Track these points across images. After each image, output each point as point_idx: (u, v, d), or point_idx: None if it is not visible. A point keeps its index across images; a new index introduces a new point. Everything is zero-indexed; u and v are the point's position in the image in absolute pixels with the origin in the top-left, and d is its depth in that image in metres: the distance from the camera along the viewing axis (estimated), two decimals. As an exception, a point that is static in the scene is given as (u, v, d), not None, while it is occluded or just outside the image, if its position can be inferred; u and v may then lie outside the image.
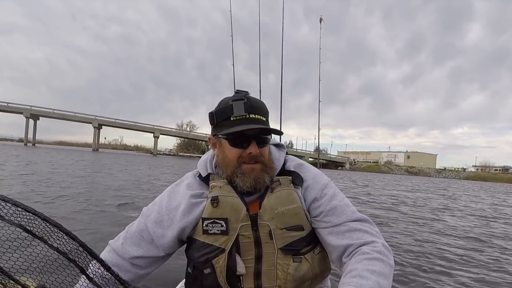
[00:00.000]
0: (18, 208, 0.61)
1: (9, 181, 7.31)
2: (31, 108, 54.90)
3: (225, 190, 0.89)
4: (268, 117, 0.93)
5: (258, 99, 0.92)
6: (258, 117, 0.88)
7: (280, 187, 0.91)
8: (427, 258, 3.57)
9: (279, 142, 1.04)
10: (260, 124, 0.87)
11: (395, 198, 10.76)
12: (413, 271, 3.10)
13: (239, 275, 0.87)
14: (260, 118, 0.88)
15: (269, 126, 0.90)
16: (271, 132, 0.90)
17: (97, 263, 0.69)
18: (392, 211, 7.38)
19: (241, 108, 0.86)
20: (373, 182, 21.34)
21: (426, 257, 3.60)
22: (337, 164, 71.44)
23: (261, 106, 0.90)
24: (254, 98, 0.91)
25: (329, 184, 0.95)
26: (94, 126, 57.51)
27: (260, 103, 0.91)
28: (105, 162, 20.00)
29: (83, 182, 8.37)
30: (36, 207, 0.65)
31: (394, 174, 61.38)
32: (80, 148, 68.15)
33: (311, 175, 0.96)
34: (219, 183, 0.91)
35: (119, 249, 0.90)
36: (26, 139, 55.08)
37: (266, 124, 0.90)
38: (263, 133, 0.89)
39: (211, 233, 0.86)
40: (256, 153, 0.88)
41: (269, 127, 0.89)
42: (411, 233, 4.90)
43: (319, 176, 0.97)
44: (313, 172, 0.97)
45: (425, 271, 3.13)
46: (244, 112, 0.86)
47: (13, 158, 15.77)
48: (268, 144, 0.93)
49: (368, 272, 0.73)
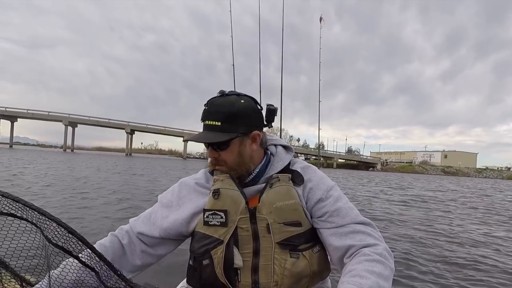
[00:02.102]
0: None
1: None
2: (69, 116, 58.34)
3: (227, 183, 0.93)
4: (233, 119, 0.91)
5: (226, 99, 0.92)
6: (212, 123, 0.90)
7: (279, 183, 0.93)
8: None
9: (287, 145, 1.07)
10: (211, 130, 0.90)
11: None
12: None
13: (237, 269, 0.89)
14: (212, 124, 0.90)
15: (226, 129, 0.90)
16: (215, 141, 0.90)
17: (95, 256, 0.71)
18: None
19: (202, 115, 0.93)
20: (411, 183, 20.29)
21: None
22: (368, 165, 69.58)
23: (219, 109, 0.90)
24: (221, 99, 0.92)
25: (335, 187, 0.99)
26: (126, 132, 59.99)
27: (221, 105, 0.91)
28: (128, 166, 20.73)
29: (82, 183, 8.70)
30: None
31: (429, 175, 58.72)
32: (115, 153, 71.28)
33: (317, 177, 0.99)
34: (221, 177, 0.94)
35: (133, 222, 1.00)
36: (65, 146, 58.60)
37: (220, 128, 0.89)
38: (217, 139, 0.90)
39: (211, 225, 0.90)
40: (213, 158, 0.94)
41: (205, 141, 0.91)
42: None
43: (325, 178, 1.00)
44: (319, 174, 1.01)
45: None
46: (202, 119, 0.92)
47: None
48: (227, 148, 0.92)
49: (368, 272, 0.74)
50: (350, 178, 21.70)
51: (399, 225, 5.38)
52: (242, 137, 0.93)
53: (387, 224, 5.43)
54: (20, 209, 0.66)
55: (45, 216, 0.67)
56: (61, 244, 0.67)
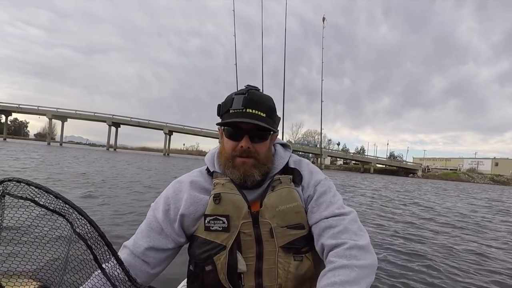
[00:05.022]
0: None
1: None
2: (113, 116, 61.58)
3: (228, 187, 0.91)
4: (273, 114, 0.93)
5: (264, 95, 0.93)
6: (256, 112, 0.88)
7: (281, 185, 0.92)
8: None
9: (285, 143, 1.06)
10: (256, 119, 0.87)
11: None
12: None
13: (240, 273, 0.87)
14: (257, 113, 0.88)
15: (269, 123, 0.90)
16: (264, 128, 0.89)
17: (113, 260, 0.73)
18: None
19: (240, 102, 0.88)
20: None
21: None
22: (408, 171, 66.34)
23: (263, 101, 0.90)
24: (259, 93, 0.92)
25: (323, 181, 0.97)
26: (165, 132, 62.22)
27: (264, 98, 0.91)
28: (151, 164, 21.55)
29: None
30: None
31: (475, 183, 54.73)
32: (154, 153, 74.15)
33: (307, 173, 0.98)
34: (222, 180, 0.92)
35: (131, 245, 0.90)
36: (108, 145, 61.97)
37: (264, 120, 0.89)
38: (259, 129, 0.89)
39: (213, 230, 0.88)
40: (246, 147, 0.89)
41: (259, 123, 0.87)
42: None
43: (314, 173, 0.98)
44: (310, 169, 0.99)
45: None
46: (241, 106, 0.88)
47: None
48: (265, 140, 0.92)
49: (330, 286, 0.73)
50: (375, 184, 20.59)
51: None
52: (273, 134, 0.95)
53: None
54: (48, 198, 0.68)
55: (68, 205, 0.68)
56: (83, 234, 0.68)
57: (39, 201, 0.65)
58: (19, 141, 65.75)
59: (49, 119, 61.50)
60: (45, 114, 60.66)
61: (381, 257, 3.60)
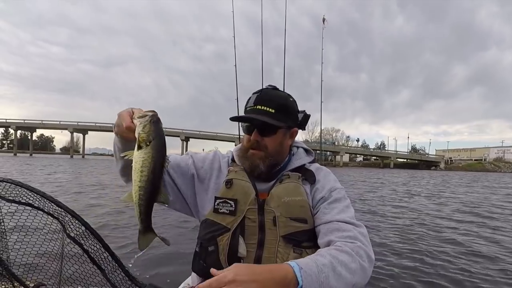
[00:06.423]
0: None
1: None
2: (131, 126, 62.75)
3: (240, 174, 0.99)
4: (285, 110, 1.00)
5: (280, 93, 1.02)
6: (265, 108, 0.97)
7: (289, 179, 0.98)
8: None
9: (308, 148, 1.14)
10: (264, 115, 0.96)
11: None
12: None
13: (240, 258, 0.90)
14: (265, 110, 0.96)
15: (277, 118, 0.97)
16: (269, 123, 0.96)
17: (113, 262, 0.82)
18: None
19: (253, 100, 0.99)
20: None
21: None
22: (430, 164, 64.41)
23: (274, 98, 0.99)
24: (274, 91, 1.01)
25: (339, 190, 1.00)
26: (181, 139, 63.01)
27: (276, 96, 1.00)
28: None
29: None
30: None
31: (502, 173, 52.51)
32: (172, 160, 74.86)
33: (325, 179, 1.03)
34: (236, 168, 1.02)
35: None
36: (128, 154, 63.09)
37: (272, 115, 0.96)
38: (267, 124, 0.96)
39: (221, 212, 0.93)
40: (254, 140, 0.98)
41: (262, 118, 0.95)
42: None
43: (332, 181, 1.03)
44: (329, 178, 1.04)
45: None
46: (253, 103, 0.98)
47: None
48: (273, 134, 0.99)
49: (330, 255, 0.76)
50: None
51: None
52: (287, 130, 1.02)
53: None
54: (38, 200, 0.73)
55: (62, 209, 0.73)
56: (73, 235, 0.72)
57: (33, 203, 0.70)
58: (44, 155, 68.21)
59: (71, 133, 63.75)
60: (66, 128, 63.06)
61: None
